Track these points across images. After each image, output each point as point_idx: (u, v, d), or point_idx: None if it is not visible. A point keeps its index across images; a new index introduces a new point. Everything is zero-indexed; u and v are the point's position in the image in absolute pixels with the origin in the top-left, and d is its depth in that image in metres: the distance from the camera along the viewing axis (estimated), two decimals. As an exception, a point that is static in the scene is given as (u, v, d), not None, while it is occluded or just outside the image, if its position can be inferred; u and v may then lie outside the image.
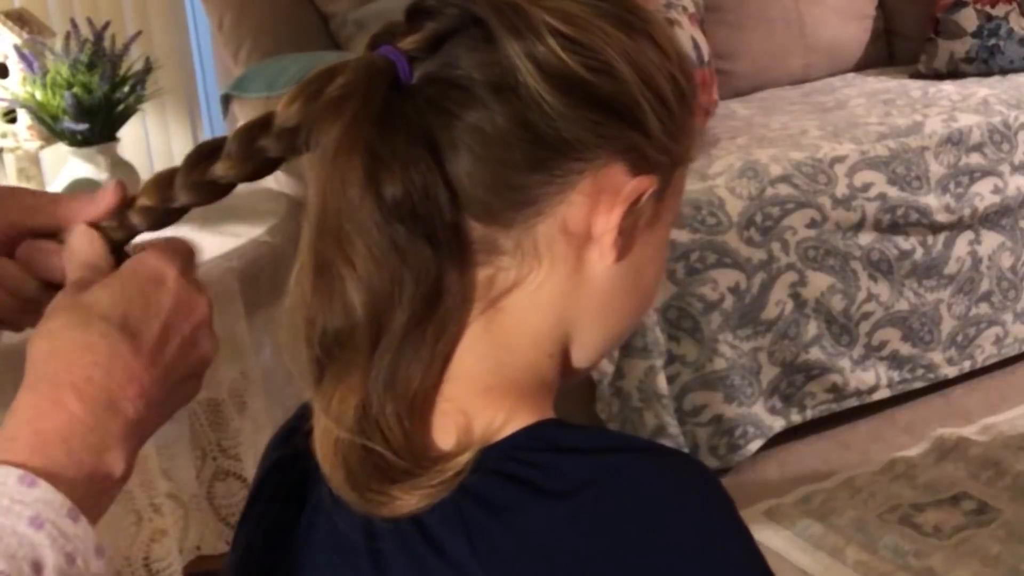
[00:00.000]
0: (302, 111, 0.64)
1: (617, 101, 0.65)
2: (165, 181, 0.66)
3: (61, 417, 0.56)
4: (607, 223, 0.66)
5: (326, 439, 0.64)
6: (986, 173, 2.65)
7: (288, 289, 0.67)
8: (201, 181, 0.65)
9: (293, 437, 0.74)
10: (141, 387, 0.58)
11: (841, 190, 2.46)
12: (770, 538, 2.16)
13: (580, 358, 0.71)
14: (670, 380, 2.33)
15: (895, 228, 2.53)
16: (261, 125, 0.65)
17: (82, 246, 0.65)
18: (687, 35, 2.77)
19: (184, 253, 0.64)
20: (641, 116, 0.66)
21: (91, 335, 0.58)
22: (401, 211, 0.62)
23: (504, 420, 0.64)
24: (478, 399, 0.65)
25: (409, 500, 0.61)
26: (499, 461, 0.62)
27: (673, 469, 0.62)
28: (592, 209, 0.66)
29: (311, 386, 0.66)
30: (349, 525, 0.65)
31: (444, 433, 0.65)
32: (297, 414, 0.76)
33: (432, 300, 0.64)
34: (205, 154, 0.65)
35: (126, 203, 0.67)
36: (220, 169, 0.65)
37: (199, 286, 0.63)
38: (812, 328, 2.46)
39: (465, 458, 0.61)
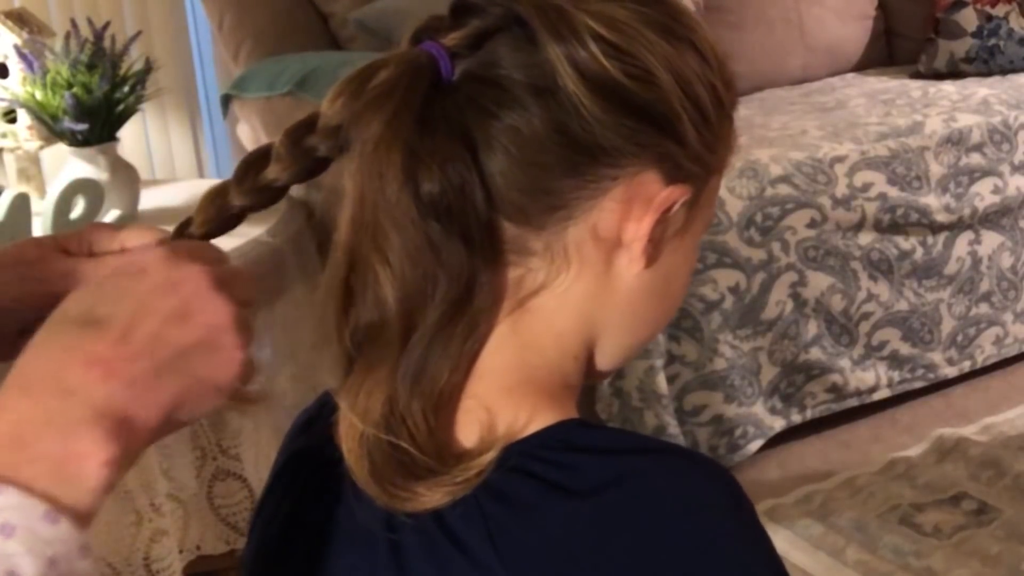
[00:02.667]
0: (345, 108, 0.63)
1: (655, 110, 0.65)
2: (219, 191, 0.65)
3: (7, 419, 0.52)
4: (638, 231, 0.66)
5: (351, 433, 0.64)
6: (986, 173, 2.65)
7: (318, 282, 0.67)
8: (255, 187, 0.65)
9: (314, 427, 0.74)
10: (107, 368, 0.53)
11: (841, 190, 2.46)
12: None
13: (603, 361, 0.71)
14: (670, 380, 2.33)
15: (895, 228, 2.53)
16: (307, 124, 0.65)
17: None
18: (687, 35, 2.77)
19: (171, 242, 0.62)
20: (678, 126, 0.65)
21: (48, 336, 0.55)
22: (437, 208, 0.63)
23: (527, 419, 0.64)
24: (502, 398, 0.66)
25: (432, 496, 0.62)
26: (521, 459, 0.62)
27: (694, 472, 0.63)
28: (623, 216, 0.66)
29: (338, 380, 0.67)
30: (370, 518, 0.65)
31: (468, 430, 0.65)
32: (318, 402, 0.76)
33: (464, 298, 0.64)
34: (254, 161, 0.65)
35: (183, 226, 0.66)
36: (272, 172, 0.65)
37: (191, 260, 0.59)
38: (812, 328, 2.46)
39: (489, 457, 0.62)
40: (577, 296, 0.67)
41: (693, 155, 0.67)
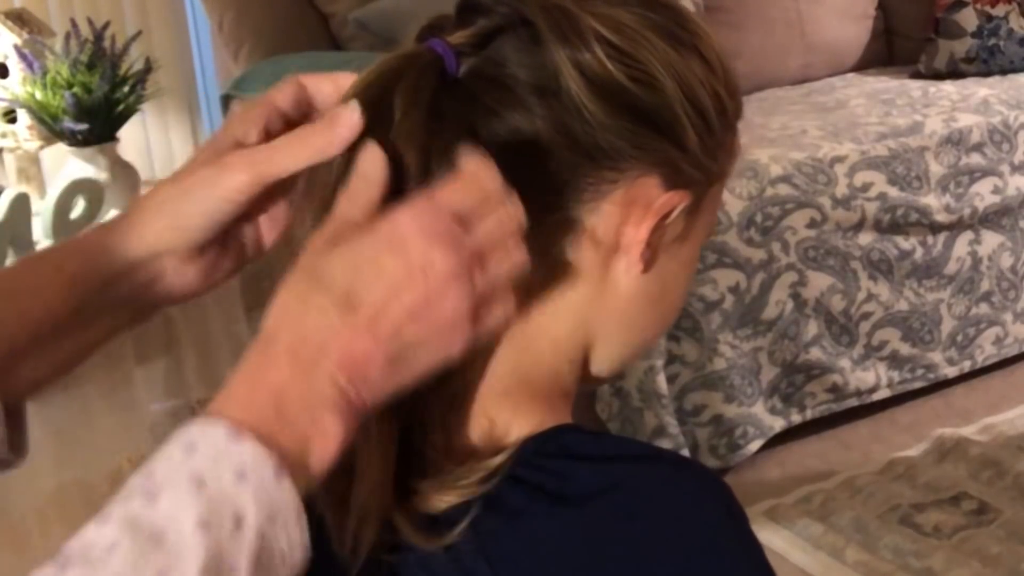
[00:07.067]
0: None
1: (657, 114, 0.65)
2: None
3: (273, 376, 0.55)
4: (636, 234, 0.66)
5: (367, 427, 0.64)
6: (986, 173, 2.65)
7: None
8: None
9: None
10: (355, 364, 0.56)
11: (841, 190, 2.46)
12: (770, 538, 2.16)
13: (599, 367, 0.71)
14: (670, 380, 2.33)
15: (895, 228, 2.53)
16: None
17: (365, 176, 0.61)
18: (687, 35, 2.78)
19: (441, 211, 0.59)
20: (680, 130, 0.65)
21: (309, 308, 0.57)
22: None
23: (521, 424, 0.64)
24: (499, 402, 0.65)
25: (434, 498, 0.61)
26: (514, 466, 0.62)
27: (687, 480, 0.62)
28: (622, 220, 0.66)
29: None
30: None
31: (472, 434, 0.65)
32: None
33: None
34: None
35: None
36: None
37: (448, 240, 0.58)
38: (812, 328, 2.46)
39: (497, 461, 0.61)
40: (574, 300, 0.67)
41: (694, 161, 0.66)
